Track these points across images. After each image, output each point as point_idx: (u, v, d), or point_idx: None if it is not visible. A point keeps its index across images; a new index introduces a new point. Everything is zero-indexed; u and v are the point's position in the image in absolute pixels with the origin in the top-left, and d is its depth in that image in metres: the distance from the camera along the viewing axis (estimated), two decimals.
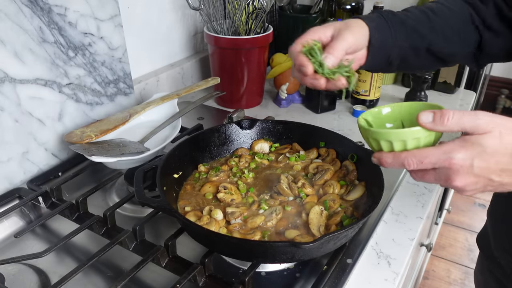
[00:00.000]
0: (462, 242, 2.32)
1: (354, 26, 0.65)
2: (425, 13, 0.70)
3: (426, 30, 0.69)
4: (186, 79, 1.32)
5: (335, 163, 0.81)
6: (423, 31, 0.69)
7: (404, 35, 0.68)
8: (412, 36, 0.69)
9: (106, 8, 0.92)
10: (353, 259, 0.69)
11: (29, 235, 0.76)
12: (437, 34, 0.70)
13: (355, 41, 0.63)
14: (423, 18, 0.70)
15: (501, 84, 3.35)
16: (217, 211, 0.68)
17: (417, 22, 0.69)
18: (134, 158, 0.81)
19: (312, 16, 1.41)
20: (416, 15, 0.70)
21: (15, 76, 0.79)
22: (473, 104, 1.35)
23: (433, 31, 0.69)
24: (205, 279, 0.63)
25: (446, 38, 0.70)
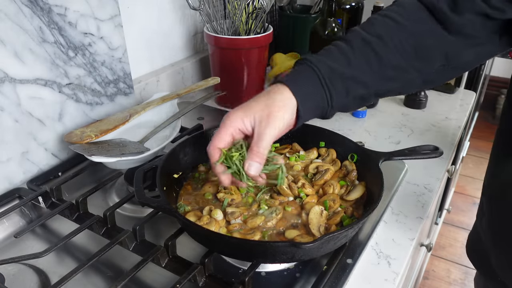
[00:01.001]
0: (462, 242, 2.32)
1: (277, 109, 0.57)
2: (370, 46, 0.59)
3: (371, 76, 0.60)
4: (186, 79, 1.32)
5: (335, 163, 0.81)
6: (366, 78, 0.60)
7: (342, 93, 0.60)
8: (354, 88, 0.60)
9: (106, 8, 0.92)
10: (353, 259, 0.69)
11: (29, 235, 0.76)
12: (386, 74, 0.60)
13: (281, 129, 0.58)
14: (368, 54, 0.59)
15: (501, 84, 3.36)
16: (217, 211, 0.68)
17: (359, 68, 0.59)
18: (134, 158, 0.81)
19: (312, 16, 1.41)
20: (359, 52, 0.59)
21: (15, 76, 0.79)
22: (473, 104, 1.35)
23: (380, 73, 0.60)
24: (205, 279, 0.63)
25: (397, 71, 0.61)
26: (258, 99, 0.60)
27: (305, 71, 0.60)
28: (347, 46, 0.60)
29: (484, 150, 3.05)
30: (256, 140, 0.58)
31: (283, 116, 0.58)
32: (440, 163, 0.97)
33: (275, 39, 1.22)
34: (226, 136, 0.60)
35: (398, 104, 1.26)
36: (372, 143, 1.05)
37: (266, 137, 0.58)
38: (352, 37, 0.61)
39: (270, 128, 0.58)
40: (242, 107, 0.60)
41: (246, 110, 0.59)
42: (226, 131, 0.59)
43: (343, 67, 0.59)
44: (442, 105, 1.26)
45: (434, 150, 0.76)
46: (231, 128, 0.59)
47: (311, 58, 0.60)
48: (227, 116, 0.60)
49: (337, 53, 0.60)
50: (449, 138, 1.10)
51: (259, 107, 0.58)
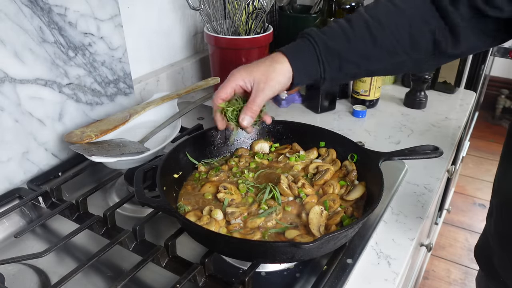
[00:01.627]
0: (462, 242, 2.32)
1: (274, 76, 0.67)
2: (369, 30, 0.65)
3: (366, 57, 0.66)
4: (186, 79, 1.32)
5: (335, 163, 0.81)
6: (361, 60, 0.67)
7: (337, 69, 0.67)
8: (347, 66, 0.67)
9: (106, 8, 0.92)
10: (353, 259, 0.69)
11: (29, 235, 0.76)
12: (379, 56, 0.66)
13: (275, 92, 0.68)
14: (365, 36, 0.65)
15: (501, 84, 3.35)
16: (217, 211, 0.68)
17: (355, 48, 0.65)
18: (134, 158, 0.81)
19: (312, 16, 1.41)
20: (358, 33, 0.65)
21: (15, 76, 0.79)
22: (473, 104, 1.35)
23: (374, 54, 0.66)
24: (205, 279, 0.63)
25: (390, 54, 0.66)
26: (260, 64, 0.69)
27: (305, 46, 0.67)
28: (348, 26, 0.66)
29: (484, 150, 3.05)
30: (253, 98, 0.68)
31: (275, 85, 0.68)
32: (440, 163, 0.97)
33: (275, 39, 1.22)
34: (228, 89, 0.69)
35: (398, 104, 1.26)
36: (372, 143, 1.05)
37: (261, 97, 0.68)
38: (354, 17, 0.67)
39: (266, 90, 0.68)
40: (246, 67, 0.69)
41: (248, 71, 0.69)
42: (229, 85, 0.69)
43: (341, 47, 0.66)
44: (442, 105, 1.26)
45: (434, 150, 0.76)
46: (234, 83, 0.69)
47: (312, 33, 0.67)
48: (232, 73, 0.70)
49: (338, 32, 0.66)
50: (449, 138, 1.10)
51: (260, 71, 0.68)
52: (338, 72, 0.68)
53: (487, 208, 0.79)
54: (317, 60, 0.66)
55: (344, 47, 0.66)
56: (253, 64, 0.70)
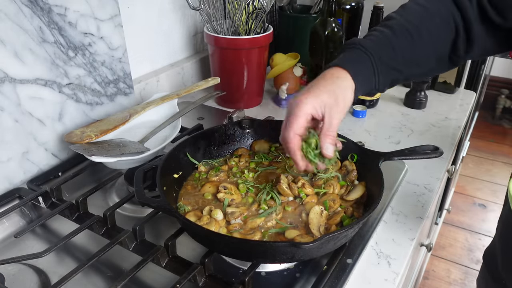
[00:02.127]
0: (462, 242, 2.32)
1: (342, 94, 0.63)
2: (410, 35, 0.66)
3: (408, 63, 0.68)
4: (186, 79, 1.32)
5: (335, 163, 0.81)
6: (403, 67, 0.68)
7: (387, 79, 0.68)
8: (393, 74, 0.68)
9: (106, 8, 0.92)
10: (353, 259, 0.69)
11: (29, 235, 0.76)
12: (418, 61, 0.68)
13: (346, 111, 0.65)
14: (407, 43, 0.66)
15: (501, 84, 3.36)
16: (217, 211, 0.68)
17: (400, 55, 0.67)
18: (134, 158, 0.81)
19: (312, 16, 1.41)
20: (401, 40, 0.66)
21: (15, 76, 0.79)
22: (473, 104, 1.35)
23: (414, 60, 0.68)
24: (205, 279, 0.63)
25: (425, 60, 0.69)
26: (321, 84, 0.64)
27: (361, 57, 0.65)
28: (391, 33, 0.66)
29: (484, 150, 3.05)
30: (328, 123, 0.63)
31: (346, 103, 0.64)
32: (440, 163, 0.97)
33: (275, 39, 1.22)
34: (302, 122, 0.62)
35: (398, 104, 1.26)
36: (372, 143, 1.05)
37: (336, 121, 0.63)
38: (394, 24, 0.67)
39: (339, 113, 0.63)
40: (310, 93, 0.63)
41: (315, 96, 0.62)
42: (302, 116, 0.62)
43: (388, 55, 0.66)
44: (442, 105, 1.26)
45: (434, 150, 0.76)
46: (306, 114, 0.62)
47: (365, 44, 0.66)
48: (298, 103, 0.62)
49: (383, 40, 0.66)
50: (449, 138, 1.10)
51: (327, 93, 0.63)
52: (385, 82, 0.67)
53: (487, 208, 0.80)
54: (373, 72, 0.65)
55: (391, 55, 0.66)
56: (313, 86, 0.64)
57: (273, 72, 1.24)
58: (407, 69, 0.68)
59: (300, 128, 0.63)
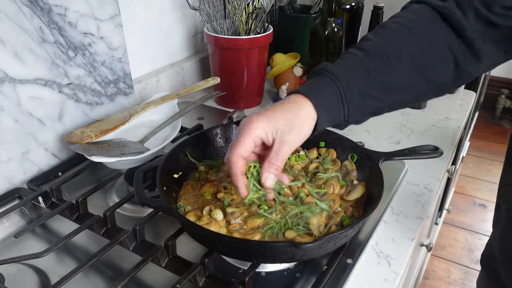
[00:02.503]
0: (462, 242, 2.32)
1: (299, 126, 0.58)
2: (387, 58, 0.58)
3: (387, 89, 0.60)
4: (186, 79, 1.32)
5: (335, 163, 0.81)
6: (382, 94, 0.60)
7: (359, 108, 0.60)
8: (369, 103, 0.60)
9: (106, 8, 0.92)
10: (353, 259, 0.69)
11: (29, 235, 0.76)
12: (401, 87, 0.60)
13: (300, 143, 0.59)
14: (384, 67, 0.59)
15: (501, 84, 3.36)
16: (217, 211, 0.68)
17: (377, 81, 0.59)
18: (134, 158, 0.81)
19: (312, 16, 1.41)
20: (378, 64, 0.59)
21: (15, 76, 0.79)
22: (473, 104, 1.35)
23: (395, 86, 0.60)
24: (205, 279, 0.63)
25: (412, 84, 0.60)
26: (280, 110, 0.58)
27: (327, 85, 0.59)
28: (365, 57, 0.59)
29: (484, 150, 3.05)
30: (276, 151, 0.58)
31: (302, 131, 0.59)
32: (440, 163, 0.97)
33: (275, 39, 1.22)
34: (249, 144, 0.58)
35: None
36: (372, 143, 1.05)
37: (286, 151, 0.58)
38: (370, 46, 0.60)
39: (291, 143, 0.58)
40: (264, 116, 0.58)
41: (269, 120, 0.57)
42: (249, 138, 0.57)
43: (362, 82, 0.59)
44: (442, 105, 1.26)
45: (434, 150, 0.76)
46: (254, 136, 0.57)
47: (332, 70, 0.59)
48: (249, 123, 0.58)
49: (357, 65, 0.59)
50: (449, 138, 1.10)
51: (282, 120, 0.58)
52: (360, 112, 0.61)
53: (487, 208, 0.79)
54: (341, 101, 0.58)
55: (365, 81, 0.59)
56: (270, 110, 0.59)
57: (273, 72, 1.24)
58: (388, 96, 0.60)
59: (246, 151, 0.58)
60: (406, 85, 0.60)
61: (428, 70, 0.59)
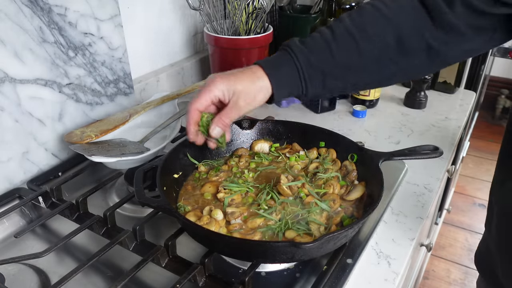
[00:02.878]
0: (462, 242, 2.32)
1: (254, 92, 0.64)
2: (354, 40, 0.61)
3: (351, 70, 0.63)
4: (186, 79, 1.32)
5: (335, 163, 0.81)
6: (346, 74, 0.64)
7: (320, 85, 0.64)
8: (332, 82, 0.64)
9: (106, 8, 0.92)
10: (353, 259, 0.69)
11: (29, 235, 0.76)
12: (366, 68, 0.63)
13: (251, 109, 0.66)
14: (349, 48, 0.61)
15: (501, 84, 3.36)
16: (217, 211, 0.68)
17: (340, 62, 0.62)
18: (134, 158, 0.81)
19: (312, 16, 1.41)
20: (342, 44, 0.62)
21: (15, 76, 0.79)
22: (473, 104, 1.35)
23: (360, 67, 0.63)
24: (205, 279, 0.63)
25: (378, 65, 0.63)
26: (240, 75, 0.65)
27: (286, 62, 0.64)
28: (331, 36, 0.62)
29: (484, 150, 3.05)
30: (227, 111, 0.66)
31: (253, 102, 0.65)
32: (440, 163, 0.97)
33: (275, 39, 1.22)
34: (206, 102, 0.66)
35: (398, 104, 1.26)
36: (372, 143, 1.05)
37: (236, 112, 0.66)
38: (337, 27, 0.63)
39: (243, 107, 0.65)
40: (226, 77, 0.65)
41: (229, 82, 0.64)
42: (207, 95, 0.65)
43: (324, 61, 0.63)
44: (442, 105, 1.26)
45: (434, 150, 0.76)
46: (212, 94, 0.65)
47: (294, 47, 0.64)
48: (211, 83, 0.65)
49: (321, 44, 0.63)
50: (449, 138, 1.10)
51: (241, 85, 0.64)
52: (322, 89, 0.65)
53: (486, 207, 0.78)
54: (298, 77, 0.63)
55: (327, 60, 0.62)
56: (231, 74, 0.66)
57: None
58: (351, 76, 0.64)
59: (201, 104, 0.66)
60: (372, 68, 0.63)
61: (398, 53, 0.61)
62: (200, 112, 0.68)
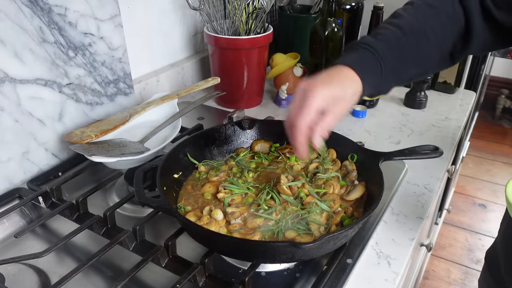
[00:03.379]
0: (462, 242, 2.32)
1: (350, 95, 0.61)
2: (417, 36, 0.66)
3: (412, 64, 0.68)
4: (186, 79, 1.32)
5: (335, 163, 0.81)
6: (408, 68, 0.68)
7: (391, 82, 0.68)
8: (397, 76, 0.68)
9: (106, 8, 0.92)
10: (353, 259, 0.69)
11: (29, 235, 0.76)
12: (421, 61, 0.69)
13: (348, 111, 0.63)
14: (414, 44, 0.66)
15: (501, 84, 3.36)
16: (217, 211, 0.68)
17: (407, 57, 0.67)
18: (134, 158, 0.81)
19: (312, 16, 1.41)
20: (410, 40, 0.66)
21: (15, 76, 0.79)
22: (473, 104, 1.35)
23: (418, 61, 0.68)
24: (205, 279, 0.63)
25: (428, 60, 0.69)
26: (334, 78, 0.61)
27: (371, 60, 0.64)
28: (401, 33, 0.65)
29: (484, 150, 3.05)
30: (328, 120, 0.60)
31: (350, 104, 0.62)
32: (440, 163, 0.97)
33: (275, 39, 1.22)
34: (314, 113, 0.59)
35: (398, 104, 1.26)
36: (372, 143, 1.05)
37: (336, 119, 0.61)
38: (403, 23, 0.66)
39: (342, 114, 0.61)
40: (326, 84, 0.60)
41: (327, 87, 0.60)
42: (313, 107, 0.59)
43: (397, 58, 0.65)
44: (442, 105, 1.26)
45: (434, 150, 0.76)
46: (319, 104, 0.59)
47: (374, 45, 0.64)
48: (311, 90, 0.59)
49: (393, 42, 0.65)
50: (449, 138, 1.10)
51: (337, 88, 0.60)
52: (389, 84, 0.68)
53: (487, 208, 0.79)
54: (380, 76, 0.64)
55: (399, 57, 0.65)
56: (324, 77, 0.61)
57: (273, 72, 1.24)
58: (411, 69, 0.68)
59: (310, 118, 0.59)
60: (427, 59, 0.68)
61: (446, 44, 0.67)
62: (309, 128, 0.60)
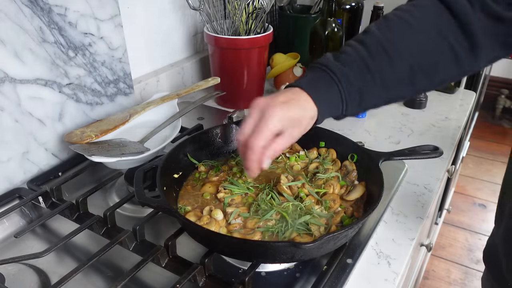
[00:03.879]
0: (462, 242, 2.32)
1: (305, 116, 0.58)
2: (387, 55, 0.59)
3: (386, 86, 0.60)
4: (186, 79, 1.32)
5: (335, 163, 0.81)
6: (381, 91, 0.61)
7: (357, 103, 0.61)
8: (368, 99, 0.61)
9: (106, 8, 0.92)
10: (353, 259, 0.69)
11: (29, 235, 0.76)
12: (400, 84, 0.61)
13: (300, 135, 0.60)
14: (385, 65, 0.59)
15: (501, 84, 3.36)
16: (217, 211, 0.68)
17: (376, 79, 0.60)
18: (134, 158, 0.81)
19: (312, 16, 1.41)
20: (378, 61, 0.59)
21: (15, 76, 0.79)
22: (473, 104, 1.35)
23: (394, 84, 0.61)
24: (205, 279, 0.63)
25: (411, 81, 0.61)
26: (290, 102, 0.58)
27: (327, 82, 0.60)
28: (366, 53, 0.59)
29: (484, 150, 3.05)
30: (281, 141, 0.58)
31: (306, 128, 0.60)
32: (440, 163, 0.97)
33: (275, 39, 1.22)
34: (271, 136, 0.57)
35: (398, 104, 1.26)
36: (372, 143, 1.05)
37: (289, 142, 0.59)
38: (370, 41, 0.60)
39: (297, 137, 0.60)
40: (282, 105, 0.57)
41: (286, 110, 0.57)
42: (270, 130, 0.57)
43: (362, 79, 0.60)
44: (442, 105, 1.26)
45: (434, 150, 0.76)
46: (275, 128, 0.57)
47: (332, 67, 0.60)
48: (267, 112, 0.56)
49: (357, 61, 0.60)
50: (449, 138, 1.10)
51: (293, 112, 0.58)
52: (358, 107, 0.62)
53: (487, 208, 0.79)
54: (340, 100, 0.60)
55: (366, 79, 0.60)
56: (283, 98, 0.58)
57: (273, 72, 1.24)
58: (386, 92, 0.61)
59: (266, 141, 0.57)
60: (406, 81, 0.61)
61: (429, 67, 0.60)
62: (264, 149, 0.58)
